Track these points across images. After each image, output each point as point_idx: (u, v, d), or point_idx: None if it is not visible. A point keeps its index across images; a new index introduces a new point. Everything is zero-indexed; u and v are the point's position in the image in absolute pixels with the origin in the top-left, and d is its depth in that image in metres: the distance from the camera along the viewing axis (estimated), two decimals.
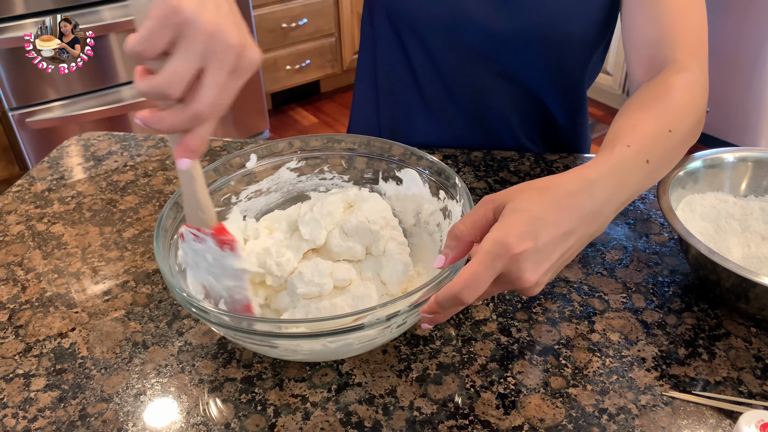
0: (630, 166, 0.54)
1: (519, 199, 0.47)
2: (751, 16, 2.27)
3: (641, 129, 0.57)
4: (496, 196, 0.49)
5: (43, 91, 1.97)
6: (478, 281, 0.45)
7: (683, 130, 0.60)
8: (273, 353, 0.55)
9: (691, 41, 0.68)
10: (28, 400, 0.55)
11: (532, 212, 0.46)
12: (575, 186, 0.49)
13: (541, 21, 0.77)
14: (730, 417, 0.52)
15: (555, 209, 0.47)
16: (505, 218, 0.47)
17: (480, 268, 0.44)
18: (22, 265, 0.71)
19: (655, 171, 0.58)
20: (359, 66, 0.97)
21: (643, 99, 0.62)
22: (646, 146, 0.56)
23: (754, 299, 0.58)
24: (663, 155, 0.58)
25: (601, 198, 0.50)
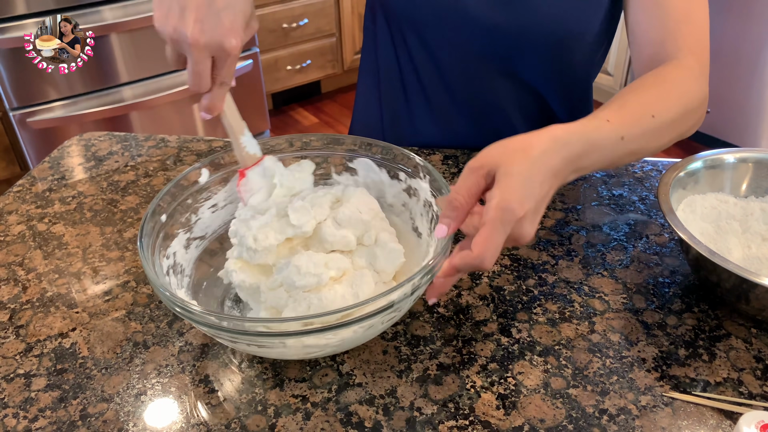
0: (602, 138, 0.58)
1: (507, 163, 0.51)
2: (752, 17, 2.27)
3: (625, 109, 0.62)
4: (483, 162, 0.52)
5: (44, 91, 1.97)
6: (495, 245, 0.50)
7: (666, 118, 0.64)
8: (272, 353, 0.55)
9: (693, 42, 0.71)
10: (28, 400, 0.55)
11: (523, 175, 0.51)
12: (548, 146, 0.53)
13: (542, 19, 0.77)
14: (731, 418, 0.52)
15: (538, 169, 0.52)
16: (501, 184, 0.51)
17: (495, 234, 0.50)
18: (23, 265, 0.71)
19: (631, 149, 0.62)
20: (362, 65, 0.97)
21: (637, 85, 0.66)
22: (624, 124, 0.60)
23: (755, 300, 0.58)
24: (641, 136, 0.62)
25: (567, 157, 0.54)
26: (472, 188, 0.53)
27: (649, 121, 0.62)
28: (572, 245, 0.72)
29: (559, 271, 0.68)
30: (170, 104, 2.20)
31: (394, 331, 0.61)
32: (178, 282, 0.61)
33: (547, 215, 0.76)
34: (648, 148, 0.65)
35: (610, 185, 0.82)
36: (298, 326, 0.50)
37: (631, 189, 0.81)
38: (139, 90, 2.13)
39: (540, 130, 0.55)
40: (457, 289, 0.66)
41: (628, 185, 0.82)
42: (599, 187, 0.81)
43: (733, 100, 2.42)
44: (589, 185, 0.82)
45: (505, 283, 0.66)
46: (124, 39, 2.02)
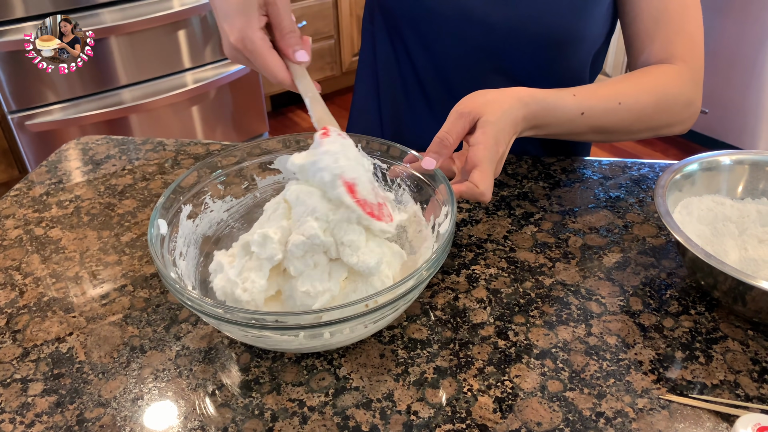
0: (561, 107, 0.68)
1: (488, 113, 0.63)
2: (750, 18, 2.28)
3: (596, 90, 0.71)
4: (468, 109, 0.63)
5: (42, 94, 1.97)
6: (492, 180, 0.61)
7: (634, 107, 0.71)
8: (266, 342, 0.55)
9: (686, 51, 0.75)
10: (25, 405, 0.55)
11: (499, 124, 0.63)
12: (511, 103, 0.64)
13: (540, 16, 0.77)
14: (727, 420, 0.52)
15: (509, 121, 0.64)
16: (483, 129, 0.62)
17: (491, 170, 0.61)
18: (20, 270, 0.71)
19: (592, 125, 0.71)
20: (360, 65, 0.97)
21: (620, 76, 0.74)
22: (588, 102, 0.69)
23: (751, 302, 0.58)
24: (602, 117, 0.70)
25: (527, 118, 0.66)
26: (461, 131, 0.63)
27: (614, 105, 0.70)
28: (569, 248, 0.72)
29: (555, 274, 0.68)
30: (169, 107, 2.20)
31: (391, 334, 0.61)
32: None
33: (544, 218, 0.76)
34: (615, 131, 0.73)
35: (606, 187, 0.82)
36: (312, 320, 0.50)
37: (628, 191, 0.81)
38: (137, 93, 2.13)
39: (510, 89, 0.66)
40: (454, 292, 0.66)
41: (625, 187, 0.82)
42: (596, 189, 0.82)
43: (731, 101, 2.42)
44: (585, 188, 0.82)
45: (502, 285, 0.66)
46: (122, 42, 2.02)
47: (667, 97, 0.73)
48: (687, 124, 0.76)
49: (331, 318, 0.50)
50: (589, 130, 0.71)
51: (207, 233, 0.67)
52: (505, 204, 0.79)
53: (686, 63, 0.74)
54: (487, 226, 0.75)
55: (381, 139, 0.69)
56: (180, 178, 0.64)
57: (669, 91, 0.73)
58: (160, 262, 0.55)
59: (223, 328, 0.54)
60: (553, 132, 0.70)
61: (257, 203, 0.71)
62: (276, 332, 0.51)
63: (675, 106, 0.74)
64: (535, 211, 0.78)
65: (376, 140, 0.69)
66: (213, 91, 2.29)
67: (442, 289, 0.66)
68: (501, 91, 0.65)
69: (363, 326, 0.54)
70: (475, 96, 0.65)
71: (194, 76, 2.23)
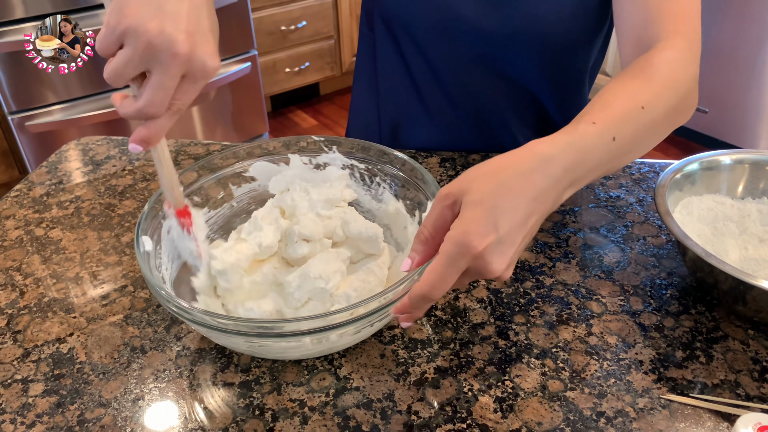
0: (592, 143, 0.52)
1: (473, 191, 0.47)
2: (750, 17, 2.27)
3: (612, 106, 0.56)
4: (451, 190, 0.48)
5: (42, 95, 1.97)
6: (443, 281, 0.46)
7: (660, 109, 0.58)
8: (268, 352, 0.55)
9: (679, 21, 0.65)
10: (26, 405, 0.55)
11: (488, 203, 0.46)
12: (528, 165, 0.48)
13: (532, 21, 0.77)
14: (728, 420, 0.52)
15: (510, 194, 0.47)
16: (463, 215, 0.46)
17: (443, 269, 0.45)
18: (21, 270, 0.71)
19: (625, 149, 0.56)
20: (357, 69, 0.97)
21: (622, 78, 0.60)
22: (613, 123, 0.54)
23: (752, 302, 0.58)
24: (634, 132, 0.56)
25: (556, 175, 0.49)
26: (437, 221, 0.49)
27: (638, 113, 0.57)
28: (569, 247, 0.72)
29: (556, 274, 0.68)
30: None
31: (391, 334, 0.61)
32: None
33: None
34: (645, 144, 0.60)
35: (607, 187, 0.82)
36: (312, 325, 0.51)
37: (628, 191, 0.81)
38: None
39: (520, 148, 0.50)
40: (454, 292, 0.66)
41: (625, 187, 0.82)
42: (596, 189, 0.82)
43: (731, 100, 2.42)
44: (586, 187, 0.82)
45: (503, 285, 0.66)
46: None
47: (682, 85, 0.62)
48: (693, 108, 0.65)
49: (339, 319, 0.50)
50: (624, 152, 0.56)
51: None
52: None
53: (681, 34, 0.64)
54: None
55: (364, 142, 0.71)
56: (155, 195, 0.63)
57: (680, 76, 0.62)
58: (150, 276, 0.54)
59: (229, 340, 0.54)
60: (590, 179, 0.54)
61: (235, 213, 0.71)
62: (281, 339, 0.51)
63: (689, 90, 0.63)
64: None
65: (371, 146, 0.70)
66: (213, 91, 2.29)
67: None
68: (505, 155, 0.50)
69: (370, 325, 0.54)
70: (467, 171, 0.50)
71: None
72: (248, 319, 0.56)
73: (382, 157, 0.69)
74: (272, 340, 0.51)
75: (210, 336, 0.55)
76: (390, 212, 0.70)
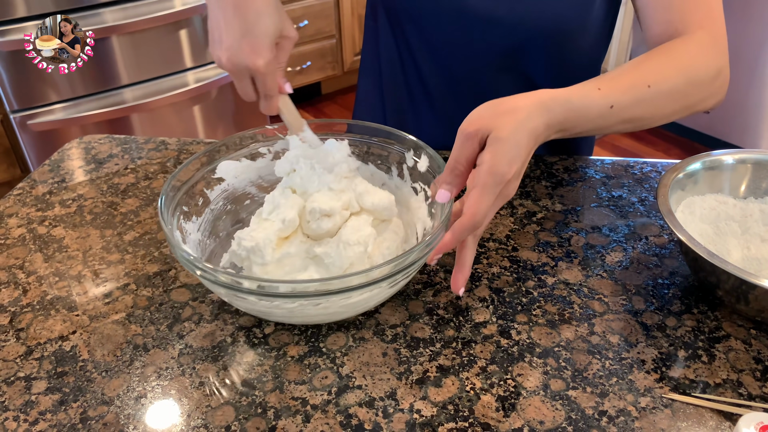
0: (588, 105, 0.61)
1: (498, 128, 0.55)
2: (752, 17, 2.27)
3: (620, 79, 0.64)
4: (478, 127, 0.56)
5: (44, 94, 1.98)
6: (487, 208, 0.54)
7: (665, 88, 0.65)
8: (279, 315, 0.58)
9: (702, 16, 0.70)
10: (29, 403, 0.55)
11: (513, 139, 0.55)
12: (536, 111, 0.57)
13: (541, 12, 0.77)
14: (730, 419, 0.52)
15: (525, 133, 0.56)
16: (492, 149, 0.55)
17: (486, 197, 0.54)
18: (24, 268, 0.71)
19: (621, 117, 0.64)
20: (363, 62, 0.97)
21: (641, 57, 0.67)
22: (615, 93, 0.62)
23: (754, 301, 0.58)
24: (634, 105, 0.64)
25: (551, 125, 0.59)
26: (470, 156, 0.57)
27: (643, 90, 0.63)
28: (572, 247, 0.72)
29: (558, 273, 0.68)
30: (171, 106, 2.20)
31: (393, 333, 0.61)
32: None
33: (547, 216, 0.76)
34: (647, 118, 0.66)
35: (609, 186, 0.82)
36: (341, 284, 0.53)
37: (631, 190, 0.81)
38: (139, 92, 2.13)
39: (528, 93, 0.59)
40: None
41: (628, 186, 0.82)
42: (599, 188, 0.82)
43: (733, 100, 2.42)
44: (588, 187, 0.82)
45: (505, 284, 0.67)
46: (124, 41, 2.02)
47: (696, 72, 0.67)
48: (719, 96, 0.70)
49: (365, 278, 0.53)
50: (620, 121, 0.64)
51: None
52: (508, 203, 0.79)
53: (705, 30, 0.69)
54: (490, 225, 0.75)
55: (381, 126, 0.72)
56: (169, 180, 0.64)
57: (696, 64, 0.67)
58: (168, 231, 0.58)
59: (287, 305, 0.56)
60: (581, 131, 0.64)
61: (216, 216, 0.71)
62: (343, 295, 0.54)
63: (706, 79, 0.68)
64: (537, 210, 0.78)
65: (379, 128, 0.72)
66: (214, 90, 2.29)
67: (444, 287, 0.66)
68: (515, 98, 0.58)
69: (388, 286, 0.57)
70: (485, 108, 0.58)
71: (196, 76, 2.23)
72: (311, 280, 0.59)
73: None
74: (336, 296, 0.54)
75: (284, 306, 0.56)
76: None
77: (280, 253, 0.63)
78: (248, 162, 0.73)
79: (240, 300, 0.56)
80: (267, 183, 0.74)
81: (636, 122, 0.66)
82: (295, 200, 0.64)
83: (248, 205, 0.74)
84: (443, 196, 0.58)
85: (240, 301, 0.56)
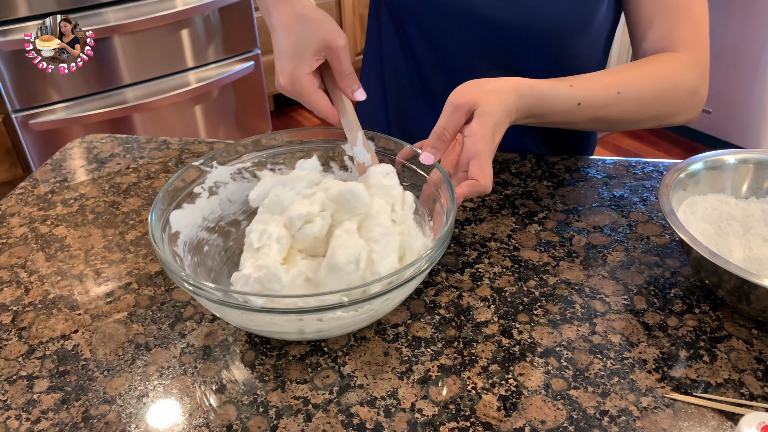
0: (556, 98, 0.68)
1: (485, 103, 0.62)
2: (753, 17, 2.27)
3: (593, 80, 0.71)
4: (464, 100, 0.62)
5: (46, 93, 1.98)
6: (491, 171, 0.61)
7: (634, 97, 0.71)
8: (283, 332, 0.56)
9: (690, 39, 0.74)
10: (31, 401, 0.55)
11: (496, 114, 0.62)
12: (509, 93, 0.64)
13: (543, 13, 0.77)
14: (732, 419, 0.52)
15: (505, 112, 0.64)
16: (481, 120, 0.62)
17: (488, 162, 0.61)
18: (26, 267, 0.71)
19: (591, 116, 0.70)
20: (365, 62, 0.97)
21: (622, 65, 0.74)
22: (586, 93, 0.69)
23: (756, 301, 0.58)
24: (600, 106, 0.70)
25: (522, 110, 0.66)
26: (457, 125, 0.63)
27: (612, 94, 0.70)
28: (573, 246, 0.72)
29: (560, 273, 0.68)
30: (172, 106, 2.21)
31: (395, 332, 0.61)
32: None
33: (548, 216, 0.76)
34: (614, 121, 0.72)
35: (611, 186, 0.82)
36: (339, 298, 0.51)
37: (632, 190, 0.81)
38: (141, 92, 2.13)
39: (508, 78, 0.66)
40: (458, 290, 0.66)
41: (629, 186, 0.82)
42: (600, 188, 0.82)
43: (735, 100, 2.42)
44: (590, 186, 0.82)
45: (506, 284, 0.67)
46: (126, 41, 2.02)
47: (669, 86, 0.72)
48: (692, 114, 0.75)
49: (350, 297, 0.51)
50: (588, 119, 0.70)
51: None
52: (509, 203, 0.79)
53: (690, 51, 0.73)
54: (491, 224, 0.75)
55: (373, 133, 0.70)
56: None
57: (672, 79, 0.72)
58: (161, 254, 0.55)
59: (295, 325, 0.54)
60: (549, 121, 0.70)
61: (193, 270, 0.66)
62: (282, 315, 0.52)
63: (679, 95, 0.73)
64: (539, 209, 0.78)
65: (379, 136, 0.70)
66: (216, 90, 2.30)
67: (446, 287, 0.66)
68: (498, 80, 0.65)
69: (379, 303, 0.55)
70: (471, 85, 0.64)
71: (197, 76, 2.23)
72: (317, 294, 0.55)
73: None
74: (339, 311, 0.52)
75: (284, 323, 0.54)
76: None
77: (292, 273, 0.59)
78: (190, 207, 0.66)
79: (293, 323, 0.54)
80: (212, 223, 0.68)
81: (604, 123, 0.72)
82: (277, 218, 0.61)
83: (208, 252, 0.67)
84: (428, 158, 0.63)
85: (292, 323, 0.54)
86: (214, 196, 0.68)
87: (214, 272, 0.66)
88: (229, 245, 0.69)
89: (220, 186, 0.68)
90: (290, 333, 0.56)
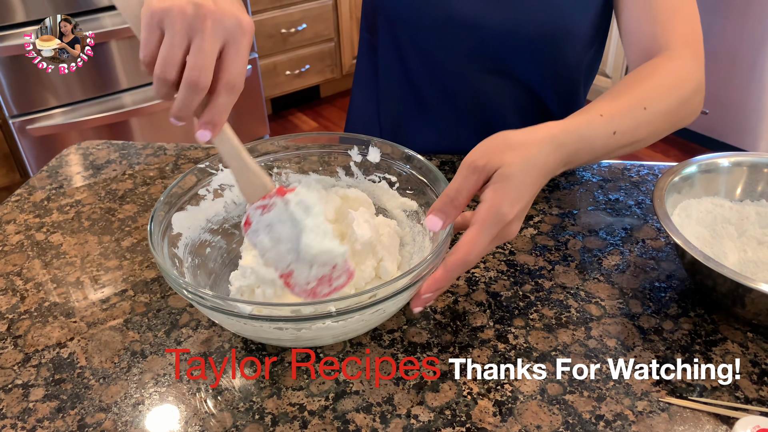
0: (595, 134, 0.59)
1: (505, 165, 0.52)
2: (750, 18, 2.27)
3: (617, 102, 0.63)
4: (483, 162, 0.53)
5: (43, 98, 1.98)
6: (482, 246, 0.52)
7: (659, 109, 0.65)
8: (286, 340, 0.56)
9: (684, 33, 0.72)
10: (26, 410, 0.55)
11: (518, 178, 0.52)
12: (546, 147, 0.55)
13: (531, 18, 0.77)
14: (727, 423, 0.52)
15: (533, 171, 0.53)
16: (496, 186, 0.52)
17: (482, 236, 0.51)
18: (21, 275, 0.71)
19: (622, 143, 0.62)
20: (357, 73, 0.97)
21: (630, 78, 0.67)
22: (615, 118, 0.61)
23: (750, 304, 0.58)
24: (634, 129, 0.63)
25: (563, 159, 0.57)
26: (473, 189, 0.54)
27: (641, 113, 0.63)
28: (568, 250, 0.72)
29: (555, 277, 0.68)
30: (169, 110, 2.21)
31: (391, 338, 0.61)
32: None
33: (543, 220, 0.76)
34: (643, 140, 0.66)
35: (606, 190, 0.82)
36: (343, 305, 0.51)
37: (627, 193, 0.81)
38: (138, 96, 2.13)
39: (538, 127, 0.56)
40: (453, 295, 0.66)
41: (624, 190, 0.82)
42: (595, 191, 0.82)
43: (732, 101, 2.42)
44: (585, 190, 0.82)
45: (502, 288, 0.67)
46: (123, 46, 2.03)
47: (684, 89, 0.68)
48: (698, 111, 0.72)
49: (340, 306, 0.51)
50: (620, 146, 0.63)
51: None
52: None
53: (688, 45, 0.71)
54: None
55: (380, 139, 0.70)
56: None
57: (685, 82, 0.69)
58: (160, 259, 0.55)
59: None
60: (583, 162, 0.61)
61: (193, 273, 0.66)
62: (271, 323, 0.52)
63: (691, 96, 0.69)
64: (534, 213, 0.78)
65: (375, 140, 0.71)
66: None
67: (441, 293, 0.66)
68: (527, 131, 0.56)
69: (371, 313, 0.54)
70: (494, 140, 0.55)
71: None
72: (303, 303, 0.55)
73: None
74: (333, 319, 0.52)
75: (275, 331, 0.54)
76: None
77: None
78: (193, 209, 0.66)
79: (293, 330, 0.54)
80: (216, 225, 0.68)
81: (633, 146, 0.65)
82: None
83: (210, 254, 0.67)
84: (434, 224, 0.54)
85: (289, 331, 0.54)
86: (219, 199, 0.68)
87: (215, 274, 0.66)
88: (232, 247, 0.69)
89: (225, 188, 0.69)
90: (285, 340, 0.57)
